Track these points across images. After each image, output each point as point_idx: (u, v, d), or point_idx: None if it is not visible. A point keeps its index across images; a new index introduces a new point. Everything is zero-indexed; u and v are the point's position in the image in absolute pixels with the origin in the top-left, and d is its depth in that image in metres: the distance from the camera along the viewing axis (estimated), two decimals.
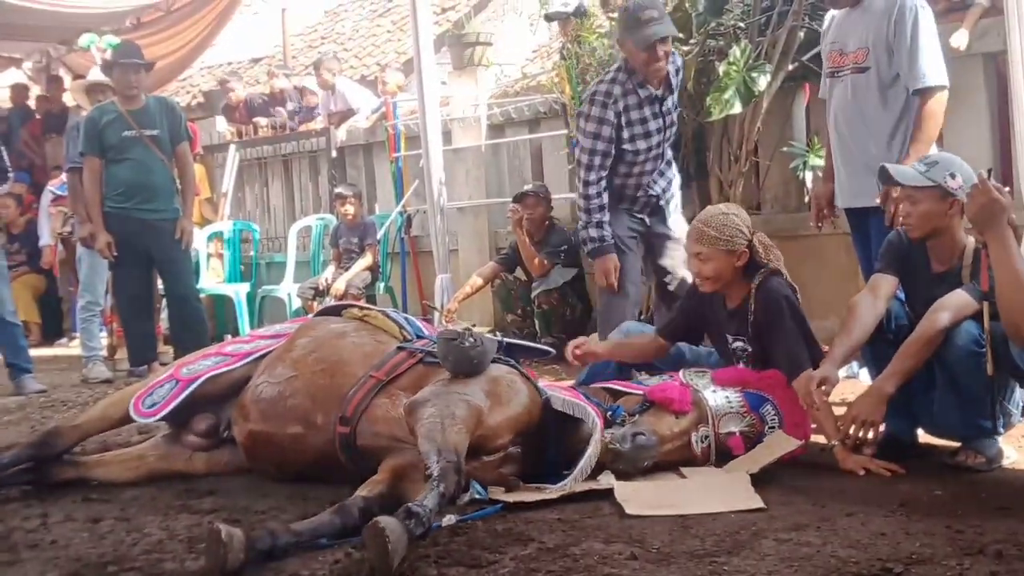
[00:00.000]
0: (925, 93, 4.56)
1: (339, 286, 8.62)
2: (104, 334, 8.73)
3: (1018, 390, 3.87)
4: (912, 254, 4.05)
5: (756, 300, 4.23)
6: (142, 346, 7.57)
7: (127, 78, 7.24)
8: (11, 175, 7.81)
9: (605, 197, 5.57)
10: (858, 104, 4.74)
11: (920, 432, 4.14)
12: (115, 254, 7.24)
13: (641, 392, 4.00)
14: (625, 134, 5.53)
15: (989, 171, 3.56)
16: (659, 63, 5.43)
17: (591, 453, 3.63)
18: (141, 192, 7.22)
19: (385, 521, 2.72)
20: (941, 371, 3.80)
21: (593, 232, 5.58)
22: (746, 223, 4.31)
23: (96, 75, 8.52)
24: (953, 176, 3.87)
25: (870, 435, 3.80)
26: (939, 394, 3.86)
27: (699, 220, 4.37)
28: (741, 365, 4.33)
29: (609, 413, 3.89)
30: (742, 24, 6.38)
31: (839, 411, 4.03)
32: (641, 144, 5.58)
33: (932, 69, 4.55)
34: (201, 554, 2.97)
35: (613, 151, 5.54)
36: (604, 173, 5.56)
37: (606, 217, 5.58)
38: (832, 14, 4.99)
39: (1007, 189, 3.45)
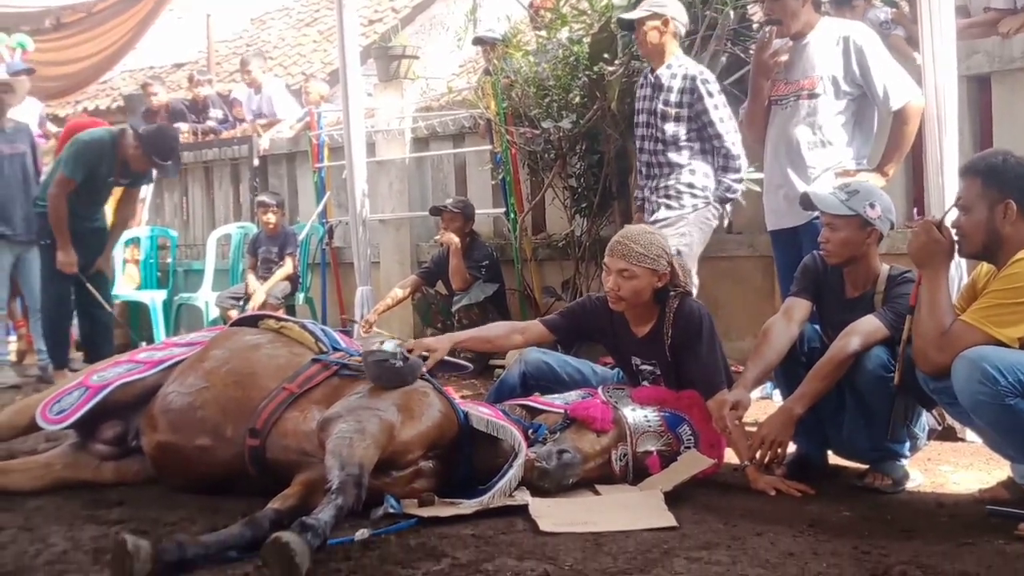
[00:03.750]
0: (901, 112, 4.79)
1: (259, 297, 8.52)
2: (12, 338, 8.52)
3: (924, 415, 3.96)
4: (827, 278, 4.13)
5: (674, 322, 4.24)
6: (64, 348, 7.45)
7: None
8: None
9: None
10: (801, 127, 4.92)
11: (830, 454, 4.20)
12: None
13: (561, 410, 4.01)
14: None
15: (918, 212, 3.69)
16: (640, 41, 5.64)
17: (514, 474, 3.62)
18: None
19: (286, 536, 2.70)
20: (851, 395, 3.87)
21: None
22: (667, 245, 4.35)
23: None
24: (872, 206, 3.97)
25: (779, 453, 3.85)
26: (848, 417, 3.93)
27: (624, 237, 4.30)
28: (646, 384, 4.34)
29: (531, 431, 3.89)
30: None
31: (753, 432, 4.08)
32: (638, 119, 5.77)
33: (902, 88, 4.78)
34: (106, 566, 2.92)
35: None
36: None
37: None
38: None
39: (952, 230, 3.56)
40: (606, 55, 6.69)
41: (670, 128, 5.54)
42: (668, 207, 5.54)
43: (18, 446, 4.53)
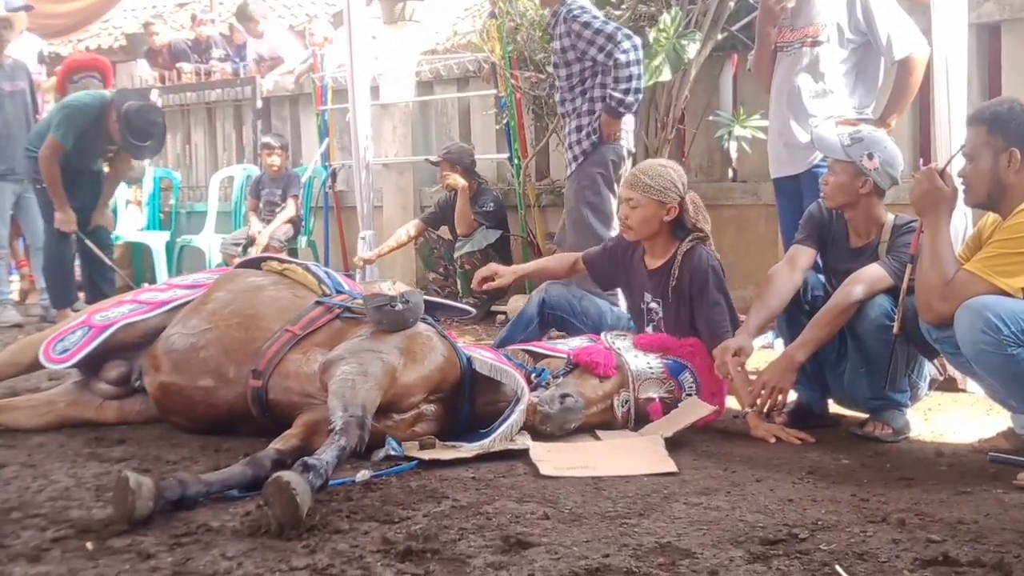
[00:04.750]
0: (905, 62, 4.75)
1: (262, 240, 8.52)
2: (15, 278, 8.52)
3: (926, 365, 3.96)
4: (832, 227, 4.11)
5: (681, 266, 4.28)
6: (66, 289, 7.45)
7: None
8: None
9: None
10: (804, 75, 4.87)
11: (831, 403, 4.21)
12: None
13: (564, 355, 4.02)
14: None
15: (924, 162, 3.67)
16: None
17: (516, 419, 3.64)
18: None
19: (288, 475, 2.71)
20: (852, 343, 3.87)
21: None
22: (682, 179, 4.38)
23: None
24: (871, 156, 3.94)
25: (779, 399, 3.86)
26: (849, 365, 3.94)
27: (636, 168, 4.48)
28: (650, 329, 4.37)
29: (534, 375, 3.91)
30: None
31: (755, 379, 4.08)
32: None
33: (907, 38, 4.74)
34: (108, 502, 2.93)
35: None
36: None
37: None
38: None
39: (958, 179, 3.55)
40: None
41: (563, 73, 5.87)
42: (573, 159, 5.91)
43: (21, 384, 4.56)
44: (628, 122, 5.88)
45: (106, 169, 7.37)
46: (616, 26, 5.75)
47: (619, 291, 5.06)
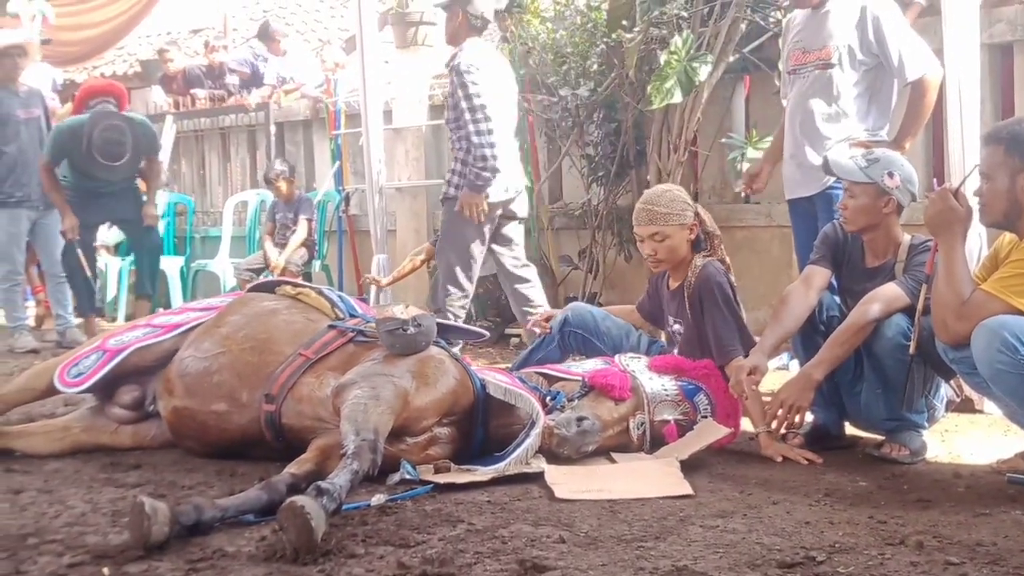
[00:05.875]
0: (918, 84, 4.71)
1: (279, 263, 8.55)
2: (31, 304, 8.54)
3: (943, 386, 3.94)
4: (847, 247, 4.11)
5: (693, 284, 4.28)
6: (91, 294, 7.93)
7: None
8: None
9: None
10: (817, 98, 4.84)
11: (847, 425, 4.19)
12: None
13: (578, 377, 4.01)
14: None
15: (938, 182, 3.67)
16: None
17: (531, 443, 3.63)
18: None
19: (302, 500, 2.70)
20: (869, 363, 3.86)
21: None
22: (686, 195, 4.42)
23: (1, 40, 8.26)
24: (891, 175, 3.94)
25: (796, 419, 3.85)
26: (866, 386, 3.92)
27: (645, 203, 4.40)
28: (675, 351, 4.37)
29: (549, 399, 3.90)
30: (685, 13, 6.39)
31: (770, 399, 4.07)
32: None
33: (919, 60, 4.70)
34: (124, 528, 2.93)
35: None
36: None
37: None
38: (794, 15, 5.14)
39: (974, 199, 3.54)
40: (624, 22, 6.64)
41: (451, 115, 5.98)
42: (446, 194, 6.08)
43: (37, 409, 4.57)
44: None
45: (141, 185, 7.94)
46: (484, 104, 5.82)
47: None
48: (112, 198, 7.70)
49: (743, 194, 5.46)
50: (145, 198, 7.95)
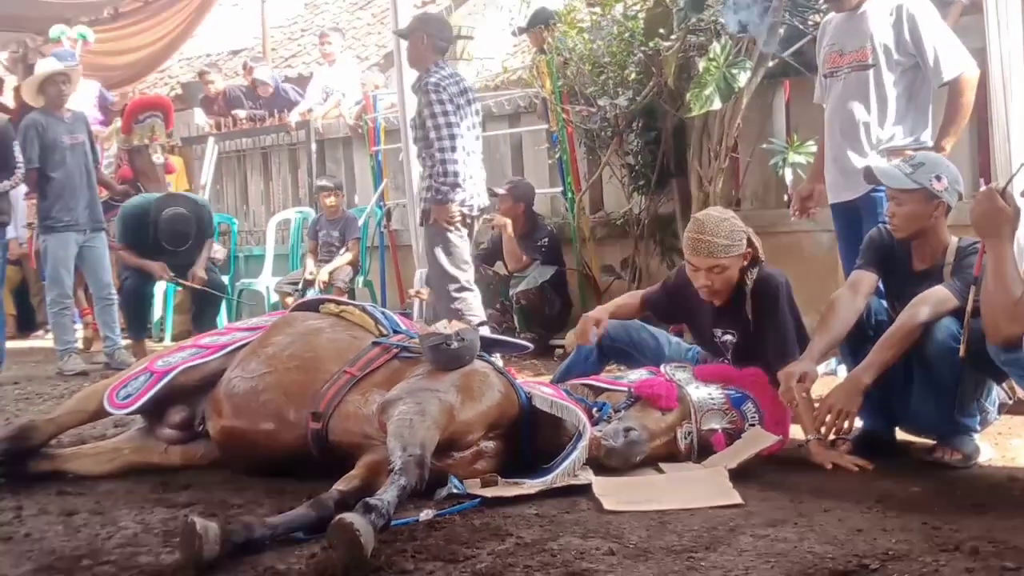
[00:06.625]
0: (955, 83, 4.64)
1: (322, 276, 8.62)
2: (79, 327, 8.63)
3: (995, 389, 3.88)
4: (894, 251, 4.06)
5: (754, 289, 4.24)
6: (143, 321, 8.33)
7: None
8: (20, 167, 7.72)
9: None
10: (855, 101, 4.80)
11: (898, 431, 4.15)
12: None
13: (624, 388, 4.00)
14: None
15: (985, 181, 3.62)
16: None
17: (579, 455, 3.61)
18: None
19: (350, 517, 2.72)
20: (919, 367, 3.81)
21: None
22: (739, 220, 4.31)
23: (46, 67, 8.33)
24: (939, 178, 3.89)
25: (845, 425, 3.80)
26: (916, 389, 3.87)
27: (701, 233, 4.18)
28: (723, 360, 4.33)
29: (595, 410, 3.89)
30: (723, 20, 6.36)
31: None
32: None
33: (955, 59, 4.63)
34: (176, 548, 2.95)
35: None
36: None
37: None
38: (830, 18, 5.10)
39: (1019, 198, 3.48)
40: (662, 30, 6.63)
41: (419, 134, 6.26)
42: (423, 212, 6.32)
43: (88, 431, 4.61)
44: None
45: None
46: (449, 122, 6.05)
47: None
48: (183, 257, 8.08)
49: (794, 216, 5.43)
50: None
